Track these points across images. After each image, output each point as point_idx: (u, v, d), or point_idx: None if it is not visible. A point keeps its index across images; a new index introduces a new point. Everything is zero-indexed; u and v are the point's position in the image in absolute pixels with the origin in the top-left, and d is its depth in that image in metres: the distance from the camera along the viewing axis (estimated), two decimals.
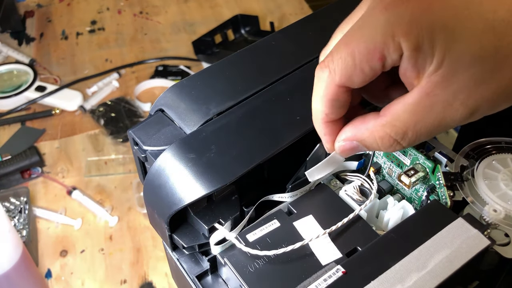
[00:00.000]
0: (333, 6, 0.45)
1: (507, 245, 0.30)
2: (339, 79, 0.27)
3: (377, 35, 0.25)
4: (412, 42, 0.25)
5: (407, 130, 0.27)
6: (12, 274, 0.56)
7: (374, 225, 0.35)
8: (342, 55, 0.27)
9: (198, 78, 0.39)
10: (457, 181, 0.33)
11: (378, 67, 0.26)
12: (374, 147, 0.29)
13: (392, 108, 0.27)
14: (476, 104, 0.26)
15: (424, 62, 0.25)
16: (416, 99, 0.26)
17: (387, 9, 0.25)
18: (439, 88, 0.26)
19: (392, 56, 0.26)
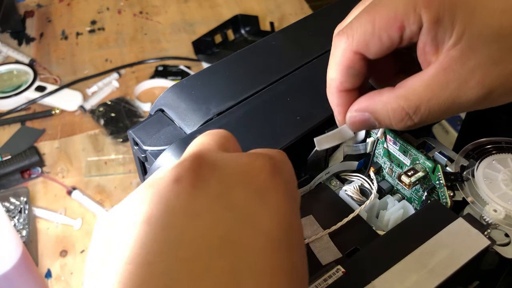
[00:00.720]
0: (333, 6, 0.45)
1: (507, 245, 0.30)
2: (356, 45, 0.27)
3: (399, 5, 0.26)
4: (433, 15, 0.25)
5: (421, 105, 0.27)
6: (12, 274, 0.56)
7: (374, 225, 0.35)
8: (362, 22, 0.27)
9: (198, 78, 0.39)
10: (457, 181, 0.33)
11: (396, 37, 0.26)
12: (386, 121, 0.29)
13: (408, 81, 0.27)
14: (492, 84, 0.26)
15: (444, 35, 0.26)
16: (433, 74, 0.26)
17: None
18: (457, 64, 0.26)
19: (412, 27, 0.26)
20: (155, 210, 0.20)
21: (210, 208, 0.20)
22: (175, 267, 0.18)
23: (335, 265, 0.29)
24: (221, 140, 0.24)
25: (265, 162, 0.22)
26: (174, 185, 0.20)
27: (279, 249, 0.20)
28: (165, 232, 0.19)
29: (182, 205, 0.20)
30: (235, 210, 0.20)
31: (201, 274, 0.18)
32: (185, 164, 0.21)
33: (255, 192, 0.21)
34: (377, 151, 0.38)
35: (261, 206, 0.21)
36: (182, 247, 0.19)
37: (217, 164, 0.22)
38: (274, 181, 0.22)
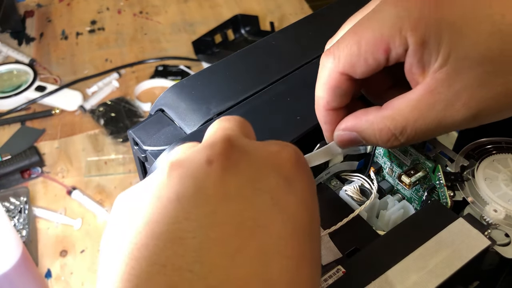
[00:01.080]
0: (333, 6, 0.45)
1: (507, 245, 0.30)
2: (343, 66, 0.28)
3: (385, 27, 0.26)
4: (419, 37, 0.25)
5: (407, 126, 0.27)
6: (12, 274, 0.56)
7: (374, 225, 0.35)
8: (348, 43, 0.27)
9: (198, 78, 0.39)
10: (457, 181, 0.33)
11: (382, 59, 0.27)
12: (372, 140, 0.29)
13: (395, 102, 0.27)
14: (478, 107, 0.26)
15: (430, 57, 0.26)
16: (419, 95, 0.26)
17: (397, 4, 0.26)
18: (443, 86, 0.26)
19: (398, 50, 0.26)
20: (185, 189, 0.20)
21: (241, 191, 0.20)
22: (207, 246, 0.19)
23: (335, 265, 0.29)
24: (243, 127, 0.25)
25: (291, 152, 0.23)
26: (206, 166, 0.21)
27: (304, 237, 0.21)
28: (196, 211, 0.20)
29: (213, 186, 0.20)
30: (265, 195, 0.21)
31: (232, 255, 0.19)
32: (217, 147, 0.22)
33: (284, 179, 0.22)
34: (377, 151, 0.38)
35: (289, 193, 0.21)
36: (214, 227, 0.19)
37: (247, 149, 0.22)
38: (300, 170, 0.23)
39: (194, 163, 0.21)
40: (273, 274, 0.19)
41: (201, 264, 0.18)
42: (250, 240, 0.19)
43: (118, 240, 0.20)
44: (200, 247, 0.19)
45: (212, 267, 0.18)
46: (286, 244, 0.20)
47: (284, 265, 0.20)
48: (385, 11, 0.26)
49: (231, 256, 0.19)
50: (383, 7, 0.26)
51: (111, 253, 0.20)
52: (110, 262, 0.20)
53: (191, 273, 0.18)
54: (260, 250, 0.19)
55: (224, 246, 0.19)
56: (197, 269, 0.18)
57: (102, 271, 0.20)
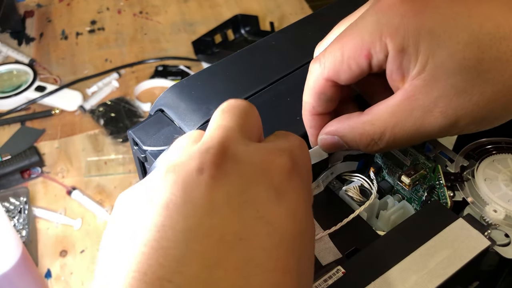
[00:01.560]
0: (333, 6, 0.45)
1: (507, 245, 0.30)
2: (327, 73, 0.28)
3: (366, 33, 0.26)
4: (398, 43, 0.26)
5: (385, 131, 0.28)
6: (11, 274, 0.56)
7: (374, 225, 0.35)
8: (332, 50, 0.28)
9: (198, 78, 0.39)
10: (457, 181, 0.33)
11: (365, 65, 0.27)
12: (353, 144, 0.30)
13: (375, 107, 0.28)
14: (456, 114, 0.26)
15: (408, 64, 0.26)
16: (397, 101, 0.27)
17: (379, 11, 0.26)
18: (421, 93, 0.26)
19: (379, 56, 0.26)
20: (174, 197, 0.20)
21: (228, 203, 0.21)
22: (188, 257, 0.19)
23: (335, 266, 0.29)
24: (245, 123, 0.25)
25: (286, 161, 0.23)
26: (197, 175, 0.21)
27: (291, 249, 0.21)
28: (182, 221, 0.20)
29: (201, 197, 0.20)
30: (252, 208, 0.21)
31: (211, 267, 0.19)
32: (209, 155, 0.22)
33: (274, 191, 0.22)
34: None
35: (278, 205, 0.21)
36: (196, 239, 0.20)
37: (240, 158, 0.22)
38: (292, 181, 0.22)
39: (186, 170, 0.21)
40: (252, 286, 0.19)
41: (181, 275, 0.19)
42: (230, 252, 0.19)
43: (113, 243, 0.21)
44: (182, 258, 0.19)
45: (192, 278, 0.19)
46: (270, 256, 0.20)
47: (265, 278, 0.20)
48: (367, 17, 0.27)
49: (210, 269, 0.19)
50: (366, 14, 0.27)
51: (106, 255, 0.21)
52: (104, 263, 0.21)
53: (170, 283, 0.19)
54: (240, 263, 0.19)
55: (204, 259, 0.19)
56: (176, 280, 0.19)
57: (97, 271, 0.21)
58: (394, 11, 0.26)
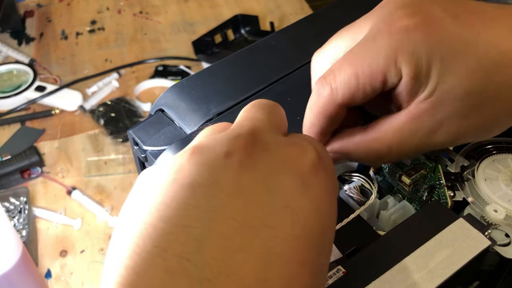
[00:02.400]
0: (333, 6, 0.45)
1: (507, 245, 0.30)
2: (341, 99, 0.28)
3: (381, 59, 0.27)
4: (412, 69, 0.26)
5: (391, 148, 0.29)
6: (12, 274, 0.56)
7: (374, 225, 0.35)
8: (346, 77, 0.28)
9: (198, 78, 0.39)
10: (457, 181, 0.33)
11: (379, 88, 0.27)
12: (359, 160, 0.31)
13: (380, 125, 0.29)
14: (458, 133, 0.28)
15: (418, 88, 0.27)
16: (403, 121, 0.28)
17: (392, 35, 0.26)
18: (426, 115, 0.27)
19: (393, 80, 0.27)
20: (200, 178, 0.20)
21: (254, 188, 0.20)
22: (210, 238, 0.19)
23: (336, 266, 0.28)
24: (274, 117, 0.25)
25: (313, 154, 0.23)
26: (224, 158, 0.21)
27: (312, 243, 0.21)
28: (206, 202, 0.20)
29: (227, 180, 0.20)
30: (278, 196, 0.21)
31: (233, 250, 0.19)
32: (239, 141, 0.22)
33: (301, 182, 0.21)
34: None
35: (304, 197, 0.21)
36: (220, 220, 0.19)
37: (269, 147, 0.22)
38: (320, 175, 0.22)
39: (214, 152, 0.21)
40: (270, 275, 0.19)
41: (200, 255, 0.19)
42: (254, 238, 0.19)
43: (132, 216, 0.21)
44: (203, 238, 0.19)
45: (211, 259, 0.19)
46: (291, 248, 0.20)
47: (284, 269, 0.19)
48: (381, 40, 0.27)
49: (232, 252, 0.19)
50: (378, 36, 0.27)
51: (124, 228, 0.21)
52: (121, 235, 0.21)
53: (188, 262, 0.18)
54: (262, 250, 0.19)
55: (227, 241, 0.19)
56: (195, 259, 0.18)
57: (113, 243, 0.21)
58: (408, 35, 0.26)
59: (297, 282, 0.20)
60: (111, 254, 0.20)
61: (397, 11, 0.27)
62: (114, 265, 0.20)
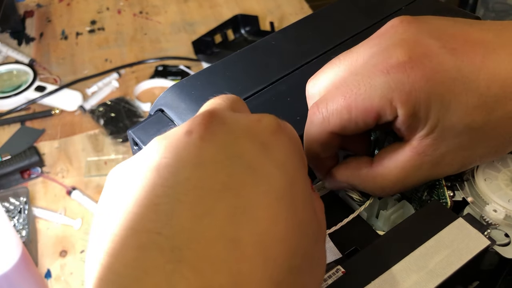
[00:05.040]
0: (333, 6, 0.45)
1: (507, 245, 0.30)
2: (332, 128, 0.29)
3: (376, 97, 0.26)
4: (408, 110, 0.26)
5: (397, 183, 0.29)
6: (11, 274, 0.56)
7: (374, 225, 0.35)
8: (338, 108, 0.28)
9: (198, 78, 0.39)
10: (457, 181, 0.33)
11: (373, 124, 0.28)
12: (364, 190, 0.32)
13: (385, 163, 0.29)
14: (462, 164, 0.29)
15: (417, 125, 0.27)
16: (407, 158, 0.28)
17: (389, 72, 0.26)
18: (429, 150, 0.28)
19: (388, 118, 0.27)
20: (164, 159, 0.21)
21: (215, 157, 0.21)
22: (177, 210, 0.19)
23: (335, 265, 0.28)
24: (232, 103, 0.26)
25: (271, 120, 0.23)
26: (185, 136, 0.22)
27: (280, 198, 0.21)
28: (172, 178, 0.20)
29: (189, 155, 0.21)
30: (240, 159, 0.21)
31: (201, 216, 0.19)
32: (197, 119, 0.22)
33: (261, 145, 0.22)
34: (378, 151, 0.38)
35: (266, 158, 0.22)
36: (185, 192, 0.20)
37: (227, 120, 0.23)
38: (280, 137, 0.23)
39: (177, 134, 0.22)
40: (240, 235, 0.19)
41: (170, 227, 0.19)
42: (218, 202, 0.20)
43: (107, 210, 0.21)
44: (171, 211, 0.19)
45: (180, 229, 0.19)
46: (257, 205, 0.20)
47: (252, 226, 0.20)
48: (376, 78, 0.26)
49: (198, 218, 0.19)
50: (374, 72, 0.27)
51: (99, 223, 0.21)
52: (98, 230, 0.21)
53: (159, 235, 0.19)
54: (228, 212, 0.20)
55: (193, 209, 0.20)
56: (165, 232, 0.19)
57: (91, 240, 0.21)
58: (404, 75, 0.26)
59: (271, 237, 0.20)
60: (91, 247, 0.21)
61: (394, 47, 0.27)
62: (94, 255, 0.20)
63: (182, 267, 0.18)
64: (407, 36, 0.27)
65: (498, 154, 0.30)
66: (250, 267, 0.19)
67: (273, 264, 0.20)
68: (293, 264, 0.21)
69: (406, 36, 0.27)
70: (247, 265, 0.19)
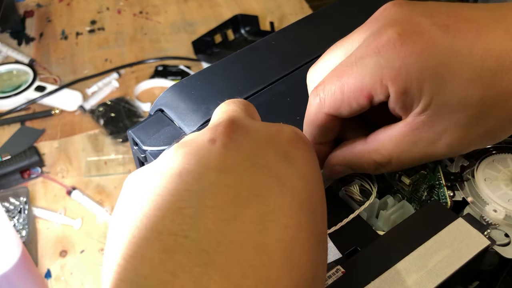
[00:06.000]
0: (333, 6, 0.45)
1: (507, 245, 0.30)
2: (328, 109, 0.29)
3: (366, 76, 0.26)
4: (399, 87, 0.26)
5: (391, 159, 0.29)
6: (11, 274, 0.56)
7: (374, 225, 0.35)
8: (332, 88, 0.28)
9: (198, 78, 0.39)
10: (457, 181, 0.33)
11: (365, 104, 0.28)
12: (361, 170, 0.31)
13: (379, 136, 0.29)
14: (460, 144, 0.28)
15: (411, 103, 0.27)
16: (401, 132, 0.28)
17: (380, 51, 0.26)
18: (424, 127, 0.27)
19: (380, 97, 0.27)
20: (187, 165, 0.21)
21: (240, 164, 0.21)
22: (203, 214, 0.19)
23: (335, 265, 0.28)
24: (247, 108, 0.26)
25: (291, 131, 0.24)
26: (209, 144, 0.22)
27: (303, 208, 0.21)
28: (196, 183, 0.20)
29: (214, 161, 0.21)
30: (264, 168, 0.21)
31: (227, 221, 0.19)
32: (220, 127, 0.23)
33: (284, 155, 0.22)
34: None
35: (289, 168, 0.22)
36: (211, 197, 0.20)
37: (249, 129, 0.23)
38: (301, 148, 0.23)
39: (198, 142, 0.22)
40: (267, 240, 0.19)
41: (196, 230, 0.19)
42: (246, 208, 0.20)
43: (125, 214, 0.21)
44: (197, 215, 0.19)
45: (206, 232, 0.19)
46: (283, 214, 0.20)
47: (279, 233, 0.20)
48: (367, 58, 0.27)
49: (226, 222, 0.19)
50: (365, 52, 0.27)
51: (117, 227, 0.21)
52: (116, 234, 0.21)
53: (185, 238, 0.19)
54: (255, 217, 0.20)
55: (220, 213, 0.20)
56: (192, 235, 0.19)
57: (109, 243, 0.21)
58: (394, 52, 0.26)
59: (294, 246, 0.20)
60: (108, 250, 0.21)
61: (385, 27, 0.27)
62: (113, 257, 0.20)
63: (210, 270, 0.18)
64: (398, 17, 0.27)
65: (496, 137, 0.29)
66: (277, 274, 0.19)
67: (298, 273, 0.20)
68: (315, 274, 0.21)
69: (397, 17, 0.27)
70: (275, 272, 0.19)
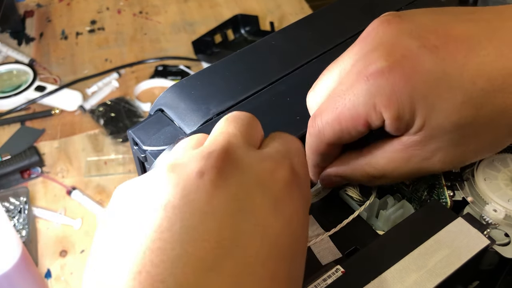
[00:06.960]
0: (333, 6, 0.45)
1: (507, 245, 0.30)
2: (328, 140, 0.29)
3: (360, 105, 0.27)
4: (392, 113, 0.26)
5: (385, 173, 0.29)
6: (11, 274, 0.56)
7: (374, 225, 0.35)
8: (329, 120, 0.28)
9: (198, 78, 0.39)
10: (457, 181, 0.33)
11: (364, 130, 0.28)
12: (356, 181, 0.32)
13: (374, 151, 0.29)
14: (453, 161, 0.28)
15: (405, 126, 0.27)
16: (395, 150, 0.28)
17: (368, 79, 0.26)
18: (418, 146, 0.27)
19: (376, 123, 0.27)
20: (173, 199, 0.21)
21: (225, 208, 0.21)
22: (183, 260, 0.19)
23: (335, 265, 0.28)
24: (247, 130, 0.25)
25: (286, 172, 0.23)
26: (197, 178, 0.21)
27: (282, 259, 0.21)
28: (179, 224, 0.20)
29: (200, 200, 0.21)
30: (249, 215, 0.21)
31: (206, 271, 0.19)
32: (211, 159, 0.22)
33: (272, 200, 0.22)
34: None
35: (275, 215, 0.22)
36: (192, 242, 0.20)
37: (241, 164, 0.22)
38: (291, 192, 0.23)
39: (187, 172, 0.21)
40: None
41: (173, 277, 0.19)
42: (226, 259, 0.20)
43: (109, 239, 0.21)
44: (176, 260, 0.19)
45: (184, 281, 0.19)
46: (263, 265, 0.20)
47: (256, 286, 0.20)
48: (358, 87, 0.27)
49: (204, 273, 0.19)
50: (356, 80, 0.27)
51: (100, 250, 0.21)
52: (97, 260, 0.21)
53: (163, 284, 0.19)
54: (234, 270, 0.19)
55: (199, 262, 0.19)
56: (169, 281, 0.19)
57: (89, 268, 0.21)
58: (383, 79, 0.26)
59: None
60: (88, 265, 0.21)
61: (373, 52, 0.27)
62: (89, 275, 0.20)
63: None
64: (386, 39, 0.27)
65: (494, 149, 0.29)
66: None
67: None
68: None
69: (385, 39, 0.27)
70: None
